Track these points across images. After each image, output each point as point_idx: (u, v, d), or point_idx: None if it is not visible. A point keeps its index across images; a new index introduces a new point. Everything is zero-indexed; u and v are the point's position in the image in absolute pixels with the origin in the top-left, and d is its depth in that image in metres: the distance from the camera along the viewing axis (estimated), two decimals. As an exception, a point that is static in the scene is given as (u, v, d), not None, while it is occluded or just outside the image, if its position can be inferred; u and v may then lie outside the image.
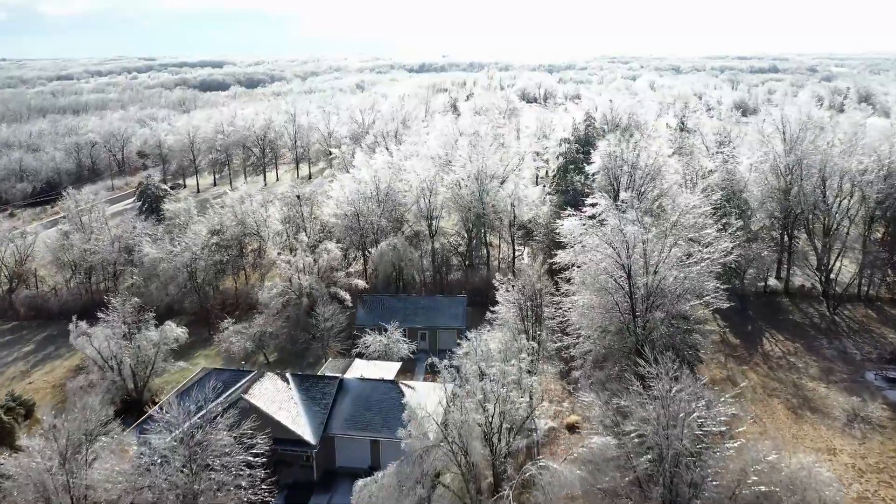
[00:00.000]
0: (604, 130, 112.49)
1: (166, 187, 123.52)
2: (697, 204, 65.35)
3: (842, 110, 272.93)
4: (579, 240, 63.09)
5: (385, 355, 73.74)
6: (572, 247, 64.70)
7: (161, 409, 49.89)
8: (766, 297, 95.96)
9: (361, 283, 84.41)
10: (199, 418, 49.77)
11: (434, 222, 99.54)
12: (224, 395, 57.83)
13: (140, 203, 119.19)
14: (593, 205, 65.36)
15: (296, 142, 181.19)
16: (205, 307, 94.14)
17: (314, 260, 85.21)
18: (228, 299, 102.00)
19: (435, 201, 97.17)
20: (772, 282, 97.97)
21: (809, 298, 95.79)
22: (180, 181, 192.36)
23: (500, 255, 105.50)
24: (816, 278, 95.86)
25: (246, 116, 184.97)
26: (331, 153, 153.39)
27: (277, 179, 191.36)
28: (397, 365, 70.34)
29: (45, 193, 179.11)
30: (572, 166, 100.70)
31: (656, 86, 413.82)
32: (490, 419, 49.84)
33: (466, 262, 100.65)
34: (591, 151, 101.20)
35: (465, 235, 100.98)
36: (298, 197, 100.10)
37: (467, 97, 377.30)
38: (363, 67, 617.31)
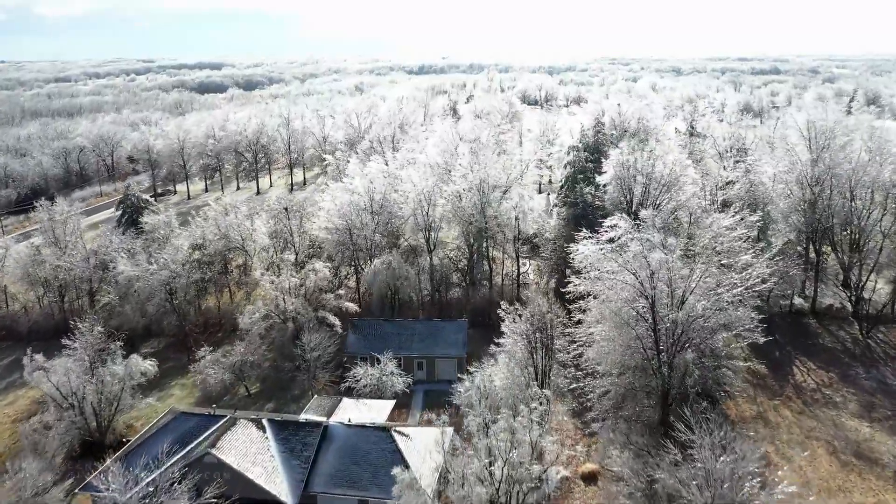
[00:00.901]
0: (614, 137, 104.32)
1: (148, 197, 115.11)
2: (731, 225, 57.01)
3: (849, 113, 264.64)
4: (597, 266, 54.96)
5: (377, 390, 65.67)
6: (588, 274, 56.61)
7: (104, 475, 41.75)
8: (792, 317, 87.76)
9: (352, 307, 76.29)
10: (152, 484, 41.82)
11: (433, 235, 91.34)
12: (189, 447, 49.84)
13: (120, 214, 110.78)
14: (612, 226, 57.08)
15: (289, 147, 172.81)
16: (183, 330, 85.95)
17: (301, 281, 77.05)
18: (211, 319, 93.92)
19: (434, 214, 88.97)
20: (797, 300, 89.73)
21: (839, 319, 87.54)
22: (171, 187, 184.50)
23: (504, 271, 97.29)
24: (846, 297, 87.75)
25: (238, 120, 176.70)
26: (324, 160, 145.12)
27: (271, 185, 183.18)
28: (391, 404, 62.20)
29: (30, 200, 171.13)
30: (581, 176, 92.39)
31: (658, 87, 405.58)
32: (497, 487, 41.77)
33: (467, 279, 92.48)
34: (602, 160, 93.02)
35: (466, 250, 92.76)
36: (286, 209, 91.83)
37: (467, 99, 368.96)
38: (362, 69, 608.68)
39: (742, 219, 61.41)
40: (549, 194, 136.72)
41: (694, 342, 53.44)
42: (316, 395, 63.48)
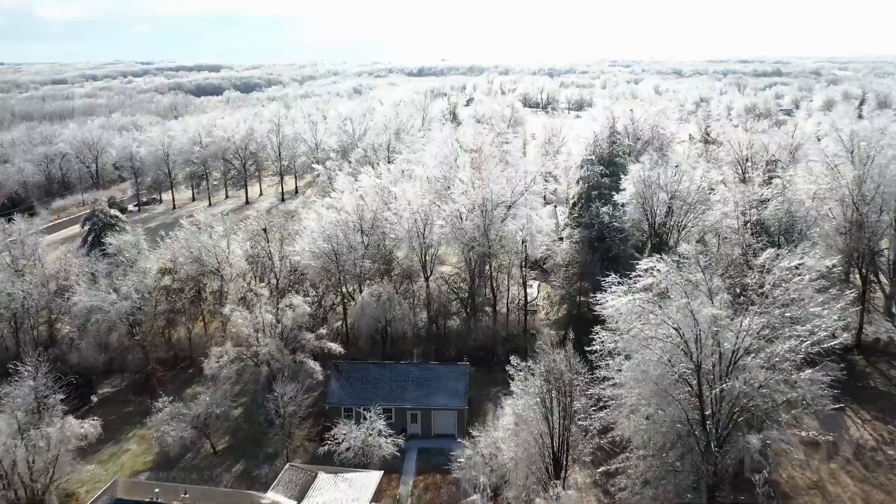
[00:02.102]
0: (631, 148, 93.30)
1: (117, 213, 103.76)
2: (798, 268, 45.76)
3: (860, 116, 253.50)
4: (630, 322, 44.04)
5: (362, 453, 54.70)
6: (617, 326, 45.64)
7: None
8: (837, 354, 76.43)
9: (335, 348, 65.18)
10: None
11: (430, 259, 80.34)
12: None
13: (86, 232, 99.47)
14: (649, 270, 45.94)
15: (280, 154, 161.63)
16: (146, 370, 75.06)
17: (276, 318, 66.01)
18: (182, 352, 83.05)
19: (431, 235, 77.98)
20: (839, 334, 78.39)
21: (889, 356, 76.57)
22: (157, 196, 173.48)
23: (510, 296, 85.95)
24: (896, 330, 76.92)
25: (226, 126, 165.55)
26: (314, 169, 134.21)
27: (261, 194, 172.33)
28: (377, 476, 51.09)
29: (7, 210, 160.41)
30: (595, 192, 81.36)
31: (661, 90, 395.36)
32: None
33: (468, 308, 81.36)
34: (621, 175, 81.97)
35: (468, 276, 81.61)
36: (265, 230, 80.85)
37: (467, 102, 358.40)
38: (361, 71, 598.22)
39: (819, 258, 49.74)
40: (555, 206, 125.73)
41: (750, 413, 42.63)
42: (288, 465, 52.39)
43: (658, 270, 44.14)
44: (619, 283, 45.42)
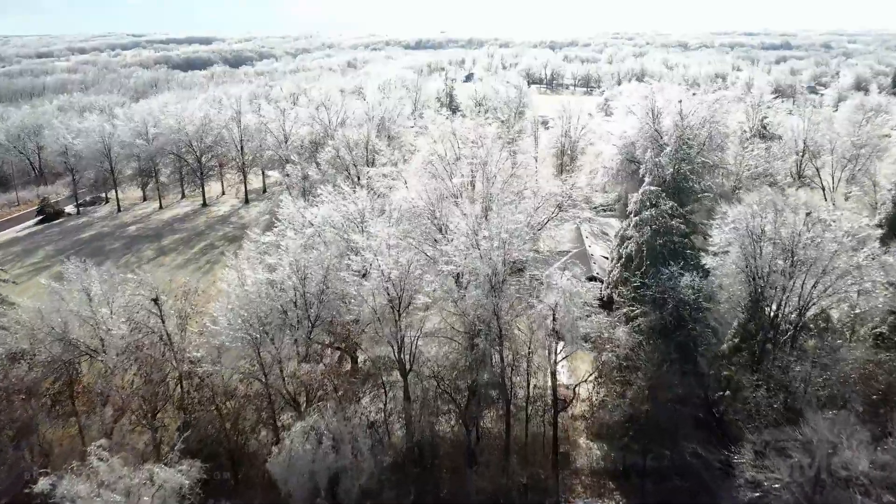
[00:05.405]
0: (704, 164, 62.47)
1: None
2: None
3: (894, 94, 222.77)
4: None
5: None
6: None
7: None
8: None
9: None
10: None
11: (410, 347, 50.51)
12: None
13: (-66, 278, 69.39)
14: None
15: (241, 147, 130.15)
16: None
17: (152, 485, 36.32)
18: (41, 474, 53.45)
19: (411, 318, 48.09)
20: None
21: None
22: (103, 194, 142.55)
23: (532, 392, 55.63)
24: None
25: (177, 114, 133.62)
26: (269, 175, 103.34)
27: (223, 193, 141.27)
28: None
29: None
30: (662, 242, 51.11)
31: (671, 64, 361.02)
32: None
33: (467, 421, 51.42)
34: (691, 209, 51.62)
35: (467, 367, 51.56)
36: (156, 301, 50.74)
37: (466, 77, 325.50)
38: (357, 44, 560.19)
39: None
40: (578, 225, 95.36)
41: None
42: None
43: None
44: None
